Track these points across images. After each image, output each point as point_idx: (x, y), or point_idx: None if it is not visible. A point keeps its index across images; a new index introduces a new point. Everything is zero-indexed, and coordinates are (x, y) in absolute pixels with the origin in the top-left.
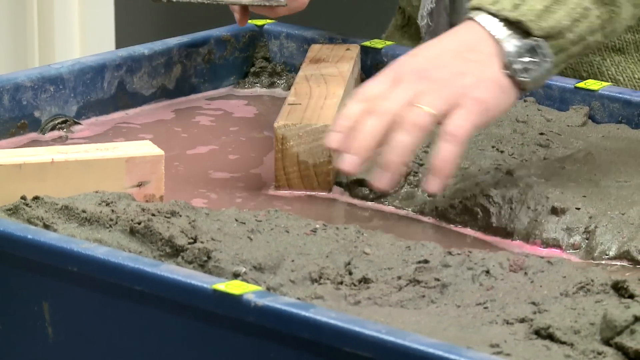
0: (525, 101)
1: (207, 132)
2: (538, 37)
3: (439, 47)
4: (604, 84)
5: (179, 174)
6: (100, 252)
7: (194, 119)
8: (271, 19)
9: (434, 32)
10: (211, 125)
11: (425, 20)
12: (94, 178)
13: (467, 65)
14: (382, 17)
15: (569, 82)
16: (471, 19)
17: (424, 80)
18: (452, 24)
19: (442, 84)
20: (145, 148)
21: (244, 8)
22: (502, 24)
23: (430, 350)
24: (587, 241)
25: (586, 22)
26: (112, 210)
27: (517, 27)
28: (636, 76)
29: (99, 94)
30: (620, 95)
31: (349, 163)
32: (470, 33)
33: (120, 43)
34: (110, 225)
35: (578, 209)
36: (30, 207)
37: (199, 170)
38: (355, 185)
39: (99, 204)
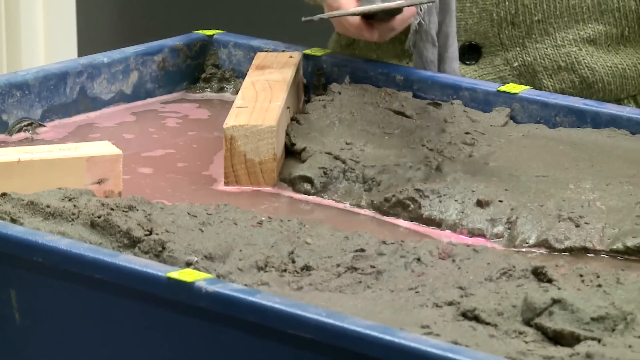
0: (452, 103)
1: (162, 133)
2: None
3: None
4: (524, 87)
5: (137, 172)
6: (63, 243)
7: (149, 121)
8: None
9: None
10: (165, 126)
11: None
12: (57, 176)
13: None
14: (322, 26)
15: (492, 86)
16: None
17: None
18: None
19: None
20: (104, 148)
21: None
22: None
23: (367, 331)
24: (509, 231)
25: None
26: (74, 205)
27: None
28: (608, 64)
29: (62, 98)
30: (539, 98)
31: None
32: None
33: (82, 51)
34: (73, 219)
35: (501, 201)
36: None
37: (155, 168)
38: (298, 181)
39: (62, 199)
